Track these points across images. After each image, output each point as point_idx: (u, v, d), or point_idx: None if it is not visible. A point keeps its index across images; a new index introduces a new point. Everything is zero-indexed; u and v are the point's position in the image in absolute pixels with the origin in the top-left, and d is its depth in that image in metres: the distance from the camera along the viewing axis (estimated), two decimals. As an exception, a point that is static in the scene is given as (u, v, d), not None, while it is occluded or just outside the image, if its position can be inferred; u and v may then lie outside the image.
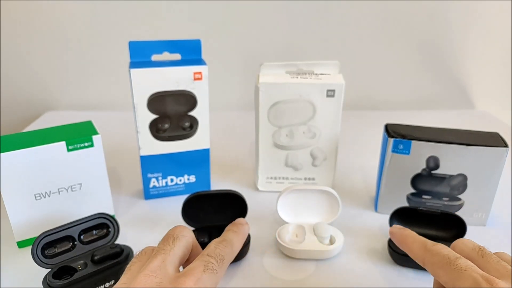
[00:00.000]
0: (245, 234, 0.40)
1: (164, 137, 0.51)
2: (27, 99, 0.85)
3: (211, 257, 0.32)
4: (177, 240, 0.32)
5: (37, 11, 0.77)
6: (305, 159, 0.54)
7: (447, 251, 0.31)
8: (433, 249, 0.32)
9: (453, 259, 0.30)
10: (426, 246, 0.33)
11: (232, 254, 0.36)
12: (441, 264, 0.30)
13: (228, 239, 0.36)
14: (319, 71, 0.52)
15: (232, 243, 0.36)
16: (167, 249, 0.31)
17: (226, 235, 0.37)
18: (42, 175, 0.43)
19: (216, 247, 0.34)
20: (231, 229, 0.39)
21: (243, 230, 0.40)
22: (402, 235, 0.38)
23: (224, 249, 0.34)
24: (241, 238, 0.39)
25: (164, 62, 0.49)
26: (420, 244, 0.34)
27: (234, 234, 0.38)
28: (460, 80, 0.86)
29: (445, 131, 0.48)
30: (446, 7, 0.79)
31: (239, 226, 0.40)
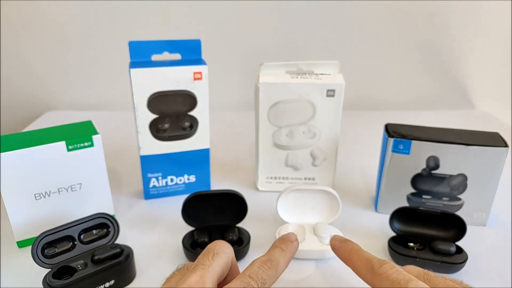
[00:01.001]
0: (293, 253, 0.36)
1: (164, 137, 0.51)
2: (27, 99, 0.85)
3: (252, 280, 0.29)
4: (217, 256, 0.31)
5: (37, 11, 0.77)
6: (305, 159, 0.54)
7: (396, 273, 0.29)
8: (381, 272, 0.30)
9: (404, 284, 0.28)
10: (373, 268, 0.31)
11: (276, 277, 0.32)
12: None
13: (274, 260, 0.33)
14: (319, 71, 0.52)
15: (277, 264, 0.33)
16: (206, 264, 0.30)
17: (273, 254, 0.34)
18: (42, 175, 0.43)
19: (259, 268, 0.31)
20: (279, 246, 0.35)
21: (292, 249, 0.36)
22: (345, 251, 0.35)
23: (268, 271, 0.31)
24: (288, 259, 0.35)
25: (164, 62, 0.49)
26: (365, 264, 0.32)
27: (282, 253, 0.34)
28: (460, 80, 0.86)
29: (445, 131, 0.48)
30: (446, 7, 0.79)
31: (289, 244, 0.36)
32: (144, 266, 0.42)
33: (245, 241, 0.44)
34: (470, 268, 0.42)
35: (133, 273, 0.41)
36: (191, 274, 0.29)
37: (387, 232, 0.46)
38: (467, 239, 0.44)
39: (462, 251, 0.42)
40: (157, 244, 0.46)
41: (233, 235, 0.44)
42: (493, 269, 0.42)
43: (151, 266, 0.42)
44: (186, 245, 0.43)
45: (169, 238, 0.46)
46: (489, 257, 0.44)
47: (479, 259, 0.43)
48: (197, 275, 0.29)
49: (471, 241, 0.45)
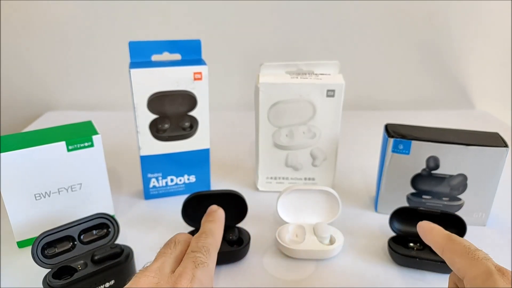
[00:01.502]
0: (221, 219, 0.40)
1: (164, 137, 0.51)
2: (27, 99, 0.85)
3: (196, 252, 0.32)
4: (178, 244, 0.34)
5: (37, 11, 0.77)
6: (305, 159, 0.54)
7: (469, 243, 0.32)
8: (456, 239, 0.33)
9: (473, 250, 0.31)
10: (451, 236, 0.34)
11: (216, 242, 0.36)
12: (460, 252, 0.31)
13: (206, 230, 0.36)
14: (319, 71, 0.52)
15: (211, 231, 0.36)
16: (168, 252, 0.33)
17: (204, 227, 0.38)
18: (42, 175, 0.43)
19: (197, 241, 0.34)
20: (206, 220, 0.39)
21: (217, 216, 0.40)
22: (429, 226, 0.38)
23: (206, 240, 0.34)
24: (218, 225, 0.39)
25: (164, 62, 0.49)
26: (444, 234, 0.35)
27: (211, 223, 0.38)
28: (460, 80, 0.86)
29: (445, 131, 0.48)
30: (446, 7, 0.79)
31: (213, 214, 0.40)
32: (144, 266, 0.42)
33: (245, 241, 0.44)
34: (470, 268, 0.42)
35: (133, 273, 0.41)
36: (153, 262, 0.31)
37: (387, 232, 0.46)
38: (467, 239, 0.43)
39: (462, 251, 0.42)
40: (157, 244, 0.45)
41: (233, 235, 0.44)
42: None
43: (151, 266, 0.42)
44: (186, 245, 0.43)
45: (169, 238, 0.46)
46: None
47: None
48: (158, 262, 0.31)
49: (471, 241, 0.45)
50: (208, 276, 0.31)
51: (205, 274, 0.31)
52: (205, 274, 0.31)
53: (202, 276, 0.30)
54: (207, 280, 0.30)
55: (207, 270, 0.31)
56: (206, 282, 0.30)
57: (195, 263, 0.31)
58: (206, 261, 0.32)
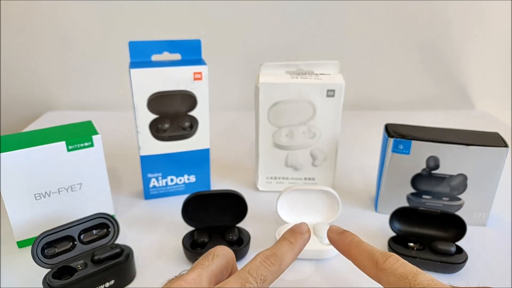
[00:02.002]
0: (302, 246, 0.34)
1: (164, 137, 0.51)
2: (27, 99, 0.85)
3: (251, 276, 0.28)
4: (216, 258, 0.31)
5: (37, 11, 0.77)
6: (305, 159, 0.54)
7: (402, 266, 0.28)
8: (386, 267, 0.29)
9: (412, 278, 0.27)
10: (377, 263, 0.30)
11: (279, 273, 0.31)
12: (400, 286, 0.27)
13: (279, 254, 0.31)
14: (319, 71, 0.52)
15: (283, 259, 0.31)
16: (205, 264, 0.30)
17: (279, 248, 0.32)
18: (42, 175, 0.43)
19: (261, 264, 0.30)
20: (287, 238, 0.33)
21: (301, 241, 0.34)
22: (344, 244, 0.34)
23: (270, 267, 0.30)
24: (295, 253, 0.33)
25: (164, 62, 0.49)
26: (368, 258, 0.31)
27: (289, 247, 0.32)
28: (460, 80, 0.86)
29: (445, 131, 0.48)
30: (446, 7, 0.79)
31: (298, 236, 0.34)
32: (144, 266, 0.42)
33: (245, 241, 0.44)
34: (470, 268, 0.42)
35: (133, 273, 0.41)
36: (190, 272, 0.29)
37: (387, 232, 0.46)
38: (467, 239, 0.44)
39: (462, 251, 0.42)
40: (157, 244, 0.46)
41: (233, 235, 0.44)
42: (493, 269, 0.42)
43: (151, 266, 0.42)
44: (186, 245, 0.43)
45: (169, 238, 0.46)
46: (489, 257, 0.44)
47: (479, 259, 0.43)
48: (195, 273, 0.29)
49: (471, 241, 0.45)
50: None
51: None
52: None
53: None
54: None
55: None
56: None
57: (243, 286, 0.27)
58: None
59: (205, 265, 0.30)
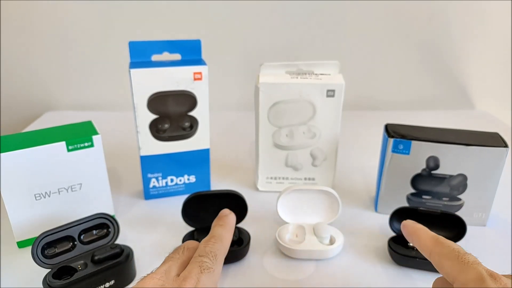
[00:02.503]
0: (231, 224, 0.40)
1: (164, 137, 0.51)
2: (27, 99, 0.85)
3: (203, 257, 0.32)
4: (186, 251, 0.34)
5: (37, 11, 0.77)
6: (305, 159, 0.54)
7: (457, 246, 0.32)
8: (444, 242, 0.33)
9: (462, 253, 0.30)
10: (438, 239, 0.33)
11: (224, 248, 0.36)
12: (449, 256, 0.30)
13: (216, 235, 0.37)
14: (319, 71, 0.52)
15: (221, 237, 0.36)
16: (176, 257, 0.33)
17: (213, 231, 0.38)
18: (42, 175, 0.43)
19: (206, 246, 0.34)
20: (216, 224, 0.39)
21: (228, 221, 0.40)
22: (414, 227, 0.37)
23: (214, 245, 0.35)
24: (228, 230, 0.39)
25: (164, 62, 0.49)
26: (432, 236, 0.34)
27: (221, 227, 0.38)
28: (460, 80, 0.86)
29: (445, 131, 0.48)
30: (446, 7, 0.79)
31: (224, 218, 0.40)
32: (144, 266, 0.42)
33: (245, 241, 0.44)
34: (470, 268, 0.42)
35: (133, 273, 0.41)
36: (161, 266, 0.32)
37: (387, 232, 0.46)
38: (467, 239, 0.44)
39: (462, 251, 0.42)
40: (157, 244, 0.46)
41: (233, 235, 0.44)
42: (493, 269, 0.42)
43: (151, 266, 0.42)
44: (186, 245, 0.43)
45: (169, 238, 0.46)
46: (489, 257, 0.44)
47: (479, 259, 0.43)
48: (166, 265, 0.32)
49: (471, 241, 0.45)
50: (213, 281, 0.31)
51: (210, 280, 0.31)
52: (210, 280, 0.31)
53: (207, 281, 0.30)
54: (211, 286, 0.31)
55: (212, 275, 0.31)
56: (210, 287, 0.30)
57: (201, 267, 0.31)
58: (212, 266, 0.32)
59: (175, 258, 0.33)
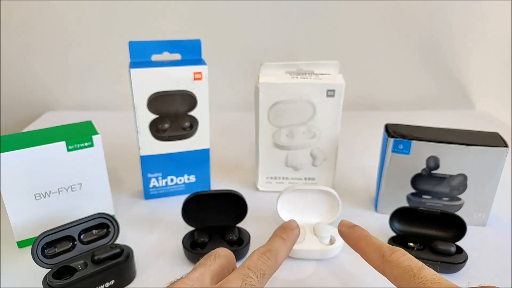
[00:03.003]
0: (294, 241, 0.36)
1: (164, 137, 0.51)
2: (27, 99, 0.85)
3: (251, 271, 0.30)
4: (218, 258, 0.32)
5: (37, 11, 0.77)
6: (305, 159, 0.54)
7: (408, 260, 0.29)
8: (392, 260, 0.30)
9: (417, 272, 0.28)
10: (384, 256, 0.31)
11: (276, 267, 0.32)
12: (404, 278, 0.28)
13: (273, 249, 0.33)
14: (319, 71, 0.52)
15: (277, 253, 0.33)
16: (208, 264, 0.31)
17: (273, 244, 0.34)
18: (42, 175, 0.43)
19: (258, 259, 0.31)
20: (279, 235, 0.35)
21: (292, 236, 0.36)
22: (354, 237, 0.34)
23: (267, 262, 0.31)
24: (289, 247, 0.35)
25: (164, 62, 0.49)
26: (375, 251, 0.32)
27: (282, 242, 0.34)
28: (460, 80, 0.86)
29: (445, 131, 0.48)
30: (446, 7, 0.79)
31: (289, 232, 0.36)
32: (144, 266, 0.42)
33: (245, 241, 0.44)
34: (470, 268, 0.42)
35: (133, 273, 0.41)
36: (193, 271, 0.30)
37: (387, 232, 0.46)
38: (467, 239, 0.44)
39: (462, 251, 0.42)
40: (157, 244, 0.46)
41: (233, 235, 0.44)
42: (493, 269, 0.42)
43: (151, 266, 0.42)
44: (186, 245, 0.43)
45: (169, 238, 0.46)
46: (489, 257, 0.44)
47: (479, 259, 0.43)
48: (198, 272, 0.30)
49: (471, 241, 0.45)
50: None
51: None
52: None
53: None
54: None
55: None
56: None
57: (244, 281, 0.29)
58: (255, 285, 0.29)
59: (207, 265, 0.31)
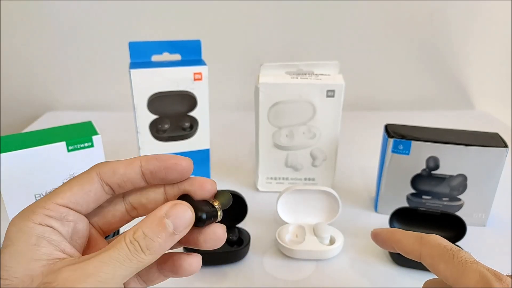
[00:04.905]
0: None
1: (164, 137, 0.51)
2: (27, 99, 0.85)
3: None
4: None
5: (37, 11, 0.77)
6: (305, 159, 0.54)
7: (446, 242, 0.29)
8: (430, 240, 0.29)
9: (456, 252, 0.27)
10: (422, 237, 0.30)
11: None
12: (443, 257, 0.28)
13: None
14: (319, 71, 0.52)
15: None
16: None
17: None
18: (42, 175, 0.43)
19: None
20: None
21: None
22: (388, 231, 0.33)
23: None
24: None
25: (164, 63, 0.49)
26: (413, 236, 0.31)
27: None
28: (460, 80, 0.86)
29: (445, 131, 0.48)
30: (446, 7, 0.79)
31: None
32: (144, 266, 0.42)
33: (245, 241, 0.44)
34: (470, 268, 0.42)
35: (133, 273, 0.41)
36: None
37: (387, 232, 0.46)
38: (467, 239, 0.44)
39: (462, 251, 0.42)
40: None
41: (233, 236, 0.44)
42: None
43: (151, 267, 0.42)
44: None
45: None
46: (489, 257, 0.44)
47: (479, 259, 0.43)
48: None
49: (471, 241, 0.45)
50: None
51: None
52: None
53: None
54: None
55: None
56: None
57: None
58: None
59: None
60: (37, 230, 0.23)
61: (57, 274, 0.21)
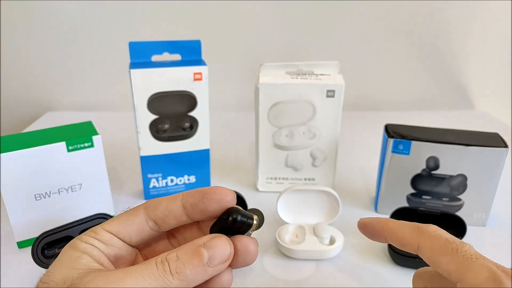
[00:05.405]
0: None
1: (164, 137, 0.51)
2: (27, 99, 0.85)
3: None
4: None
5: (37, 11, 0.77)
6: (305, 159, 0.54)
7: (446, 233, 0.27)
8: (430, 231, 0.27)
9: (459, 244, 0.25)
10: (420, 228, 0.27)
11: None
12: (445, 250, 0.25)
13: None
14: (319, 71, 0.52)
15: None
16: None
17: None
18: (42, 175, 0.43)
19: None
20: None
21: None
22: (380, 221, 0.30)
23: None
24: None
25: (164, 63, 0.49)
26: (409, 225, 0.28)
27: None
28: (460, 80, 0.86)
29: (445, 131, 0.48)
30: (446, 7, 0.79)
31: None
32: (144, 266, 0.42)
33: (245, 241, 0.44)
34: (470, 268, 0.42)
35: (133, 273, 0.41)
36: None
37: (387, 232, 0.46)
38: (467, 239, 0.44)
39: (462, 251, 0.42)
40: (157, 245, 0.46)
41: (233, 236, 0.44)
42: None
43: (151, 267, 0.42)
44: (186, 246, 0.43)
45: (169, 238, 0.46)
46: (489, 257, 0.44)
47: (479, 259, 0.43)
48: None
49: (471, 241, 0.45)
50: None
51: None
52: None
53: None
54: None
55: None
56: None
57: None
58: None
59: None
60: (82, 246, 0.25)
61: (83, 278, 0.23)
